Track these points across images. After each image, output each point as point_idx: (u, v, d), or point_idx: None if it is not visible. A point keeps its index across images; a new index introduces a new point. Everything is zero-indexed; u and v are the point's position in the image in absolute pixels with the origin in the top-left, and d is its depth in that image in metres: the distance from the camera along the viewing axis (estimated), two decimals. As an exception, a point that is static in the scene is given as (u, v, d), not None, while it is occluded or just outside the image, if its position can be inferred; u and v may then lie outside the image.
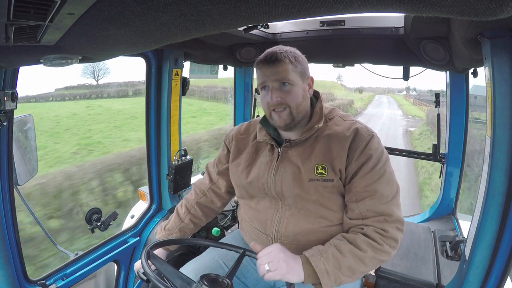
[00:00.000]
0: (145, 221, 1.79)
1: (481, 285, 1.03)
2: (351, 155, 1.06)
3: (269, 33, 1.78)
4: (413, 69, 1.82)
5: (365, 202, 1.04)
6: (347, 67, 1.97)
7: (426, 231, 1.77)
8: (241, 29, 1.37)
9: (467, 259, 1.08)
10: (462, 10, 0.43)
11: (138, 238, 1.72)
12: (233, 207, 2.06)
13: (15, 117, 1.09)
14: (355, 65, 1.95)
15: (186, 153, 1.86)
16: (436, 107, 1.94)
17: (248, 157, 1.24)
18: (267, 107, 1.10)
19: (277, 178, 1.14)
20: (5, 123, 1.01)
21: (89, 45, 0.72)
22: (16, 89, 1.00)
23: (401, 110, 41.92)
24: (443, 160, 1.96)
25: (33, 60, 0.79)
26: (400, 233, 1.05)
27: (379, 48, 1.65)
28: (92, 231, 1.48)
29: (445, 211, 2.00)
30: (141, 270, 1.06)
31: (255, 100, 2.40)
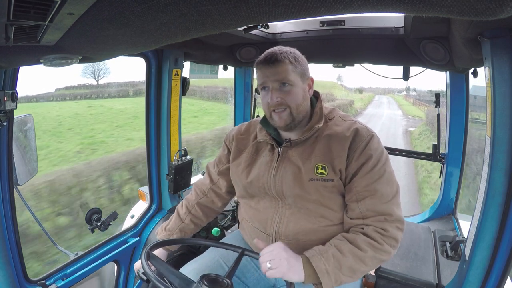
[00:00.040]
0: (145, 221, 1.79)
1: (481, 285, 1.03)
2: (351, 155, 1.06)
3: (269, 33, 1.78)
4: (413, 69, 1.82)
5: (365, 201, 1.04)
6: (347, 67, 1.97)
7: (426, 231, 1.77)
8: (241, 29, 1.37)
9: (467, 259, 1.08)
10: (462, 10, 0.43)
11: (138, 238, 1.72)
12: (233, 207, 2.06)
13: (15, 117, 1.09)
14: (355, 65, 1.95)
15: (186, 153, 1.86)
16: (436, 107, 1.94)
17: (248, 157, 1.24)
18: (267, 108, 1.11)
19: (277, 177, 1.14)
20: (5, 123, 1.00)
21: (89, 45, 0.72)
22: (16, 89, 1.00)
23: (401, 110, 41.90)
24: (443, 160, 1.96)
25: (33, 60, 0.79)
26: (400, 232, 1.05)
27: (379, 48, 1.65)
28: (92, 231, 1.49)
29: (445, 211, 2.00)
30: (141, 270, 1.06)
31: (255, 100, 2.40)
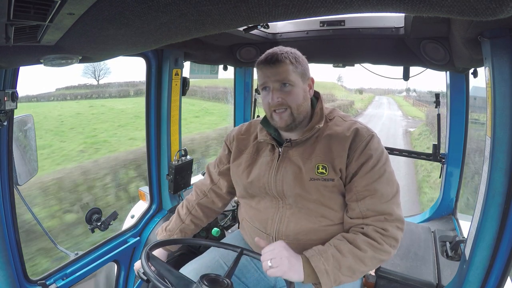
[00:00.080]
0: (145, 221, 1.79)
1: (481, 285, 1.03)
2: (351, 155, 1.07)
3: (269, 33, 1.78)
4: (413, 69, 1.81)
5: (365, 201, 1.04)
6: (347, 68, 1.97)
7: (426, 231, 1.77)
8: (241, 29, 1.37)
9: (467, 259, 1.08)
10: (462, 10, 0.43)
11: (138, 238, 1.72)
12: (233, 207, 2.06)
13: (15, 117, 1.09)
14: (355, 65, 1.95)
15: (186, 153, 1.86)
16: (436, 107, 1.94)
17: (249, 157, 1.24)
18: (268, 108, 1.11)
19: (278, 177, 1.14)
20: (5, 123, 1.00)
21: (89, 45, 0.72)
22: (16, 89, 1.00)
23: (401, 111, 41.86)
24: (443, 160, 1.96)
25: (33, 60, 0.79)
26: (400, 232, 1.05)
27: (379, 48, 1.65)
28: (92, 231, 1.48)
29: (445, 211, 2.00)
30: (141, 270, 1.06)
31: (255, 100, 2.40)
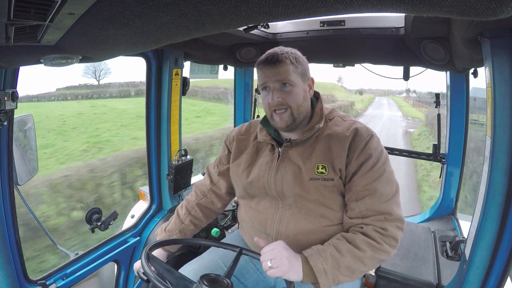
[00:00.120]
0: (145, 221, 1.79)
1: (481, 285, 1.03)
2: (351, 155, 1.07)
3: (269, 33, 1.78)
4: (413, 69, 1.82)
5: (365, 201, 1.04)
6: (347, 68, 1.97)
7: (426, 231, 1.77)
8: (241, 29, 1.37)
9: (467, 259, 1.08)
10: (462, 10, 0.43)
11: (138, 238, 1.72)
12: (233, 207, 2.05)
13: (15, 117, 1.09)
14: (355, 66, 1.95)
15: (186, 153, 1.86)
16: (436, 107, 1.94)
17: (248, 157, 1.24)
18: (268, 108, 1.11)
19: (277, 177, 1.14)
20: (5, 123, 1.00)
21: (89, 45, 0.72)
22: (16, 89, 1.00)
23: (401, 111, 41.85)
24: (443, 160, 1.96)
25: (33, 60, 0.79)
26: (400, 232, 1.05)
27: (379, 48, 1.65)
28: (92, 231, 1.48)
29: (445, 211, 2.00)
30: (141, 270, 1.06)
31: (256, 100, 2.40)
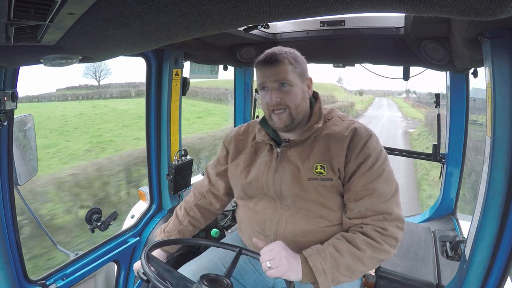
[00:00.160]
0: (145, 221, 1.79)
1: (481, 285, 1.03)
2: (350, 155, 1.06)
3: (269, 33, 1.78)
4: (413, 70, 1.82)
5: (364, 201, 1.04)
6: (347, 69, 1.97)
7: (426, 231, 1.77)
8: (241, 29, 1.37)
9: (467, 259, 1.08)
10: (462, 10, 0.43)
11: (138, 238, 1.72)
12: (233, 207, 2.05)
13: (15, 117, 1.09)
14: (355, 66, 1.95)
15: (186, 153, 1.86)
16: (436, 107, 1.94)
17: (247, 158, 1.24)
18: (267, 108, 1.11)
19: (276, 178, 1.14)
20: (5, 123, 1.00)
21: (89, 45, 0.72)
22: (16, 89, 1.00)
23: (400, 112, 41.91)
24: (443, 160, 1.96)
25: (33, 60, 0.79)
26: (400, 231, 1.05)
27: (379, 48, 1.65)
28: (92, 231, 1.48)
29: (445, 211, 2.00)
30: (141, 270, 1.06)
31: (255, 100, 2.40)
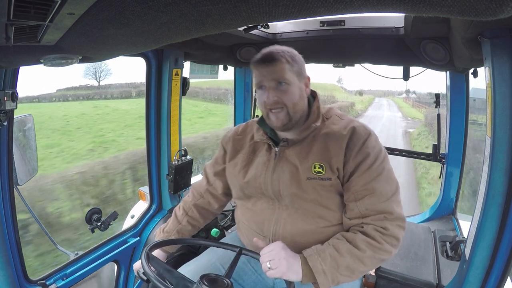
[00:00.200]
0: (145, 221, 1.79)
1: (481, 285, 1.03)
2: (349, 154, 1.05)
3: (269, 33, 1.78)
4: (413, 69, 1.82)
5: (364, 201, 1.03)
6: (347, 69, 1.97)
7: (426, 231, 1.77)
8: (241, 29, 1.37)
9: (467, 259, 1.08)
10: (462, 10, 0.43)
11: (138, 238, 1.72)
12: (233, 206, 2.05)
13: (15, 117, 1.09)
14: (355, 66, 1.95)
15: (186, 153, 1.86)
16: (436, 107, 1.94)
17: (245, 157, 1.23)
18: (264, 107, 1.09)
19: (274, 177, 1.12)
20: (5, 123, 1.00)
21: (89, 45, 0.72)
22: (16, 89, 1.00)
23: (400, 112, 41.98)
24: (443, 160, 1.96)
25: (33, 60, 0.79)
26: (401, 230, 1.04)
27: (379, 48, 1.65)
28: (92, 231, 1.48)
29: (445, 211, 2.00)
30: (141, 270, 1.06)
31: (255, 100, 2.40)
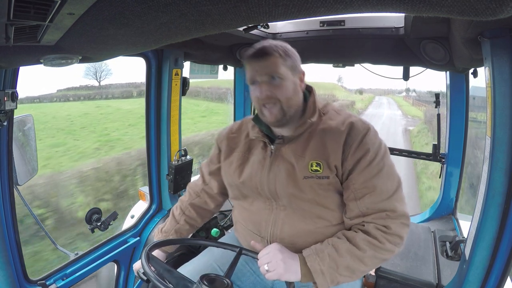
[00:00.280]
0: (145, 221, 1.79)
1: (481, 285, 1.03)
2: (347, 150, 1.01)
3: (269, 33, 1.78)
4: (413, 69, 1.82)
5: (365, 199, 0.99)
6: (347, 68, 1.97)
7: (426, 231, 1.77)
8: (241, 29, 1.37)
9: (467, 259, 1.08)
10: (462, 10, 0.43)
11: (138, 238, 1.72)
12: (233, 206, 2.05)
13: (15, 117, 1.09)
14: (355, 65, 1.95)
15: (186, 153, 1.86)
16: (436, 107, 1.94)
17: (240, 156, 1.19)
18: (257, 102, 1.05)
19: (270, 176, 1.09)
20: (5, 123, 1.00)
21: (89, 45, 0.72)
22: (16, 89, 1.00)
23: (400, 110, 41.94)
24: (443, 160, 1.97)
25: (33, 60, 0.79)
26: (405, 228, 0.99)
27: (379, 48, 1.65)
28: (92, 231, 1.48)
29: (445, 211, 2.00)
30: (141, 270, 1.06)
31: None
